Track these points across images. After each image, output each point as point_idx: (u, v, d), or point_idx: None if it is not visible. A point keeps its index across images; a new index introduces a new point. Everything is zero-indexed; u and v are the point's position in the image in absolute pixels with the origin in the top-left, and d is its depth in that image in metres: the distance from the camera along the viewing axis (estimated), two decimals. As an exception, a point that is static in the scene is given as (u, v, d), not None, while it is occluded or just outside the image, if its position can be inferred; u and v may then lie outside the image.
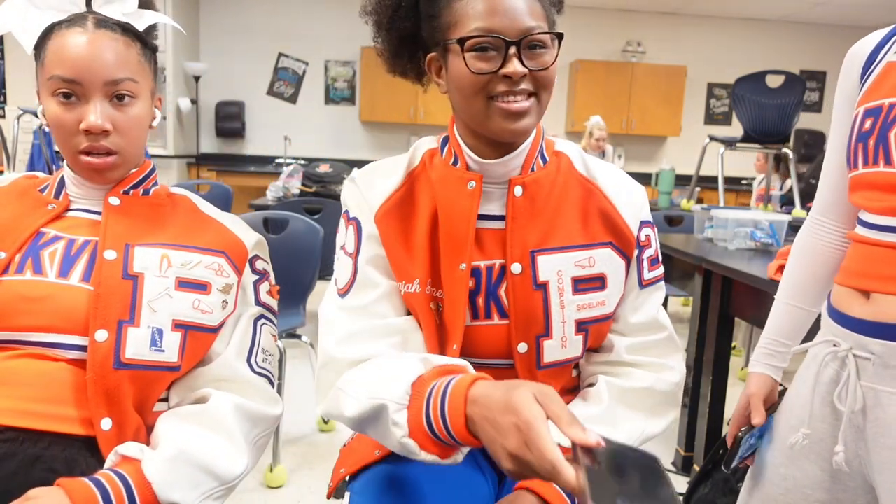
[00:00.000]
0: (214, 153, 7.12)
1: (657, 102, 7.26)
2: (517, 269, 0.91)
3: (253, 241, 1.06)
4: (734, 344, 3.58)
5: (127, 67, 0.93)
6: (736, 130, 3.92)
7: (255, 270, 1.05)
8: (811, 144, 5.50)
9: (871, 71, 0.90)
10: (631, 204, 0.97)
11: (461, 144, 0.94)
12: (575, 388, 1.02)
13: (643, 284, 0.98)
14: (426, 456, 0.74)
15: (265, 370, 1.01)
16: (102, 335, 0.88)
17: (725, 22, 7.49)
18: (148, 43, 0.99)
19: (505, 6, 0.83)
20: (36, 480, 0.82)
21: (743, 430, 1.04)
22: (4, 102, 6.44)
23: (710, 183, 5.64)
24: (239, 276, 1.02)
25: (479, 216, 0.93)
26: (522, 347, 0.92)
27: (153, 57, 1.00)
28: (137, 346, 0.89)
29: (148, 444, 0.91)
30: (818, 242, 1.02)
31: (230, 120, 6.96)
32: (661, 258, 1.01)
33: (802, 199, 3.73)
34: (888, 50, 0.89)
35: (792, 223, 2.32)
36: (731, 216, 2.28)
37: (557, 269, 0.92)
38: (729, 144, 3.86)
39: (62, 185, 1.00)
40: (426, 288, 0.92)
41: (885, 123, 0.84)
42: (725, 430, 2.15)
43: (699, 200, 5.48)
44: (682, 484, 2.21)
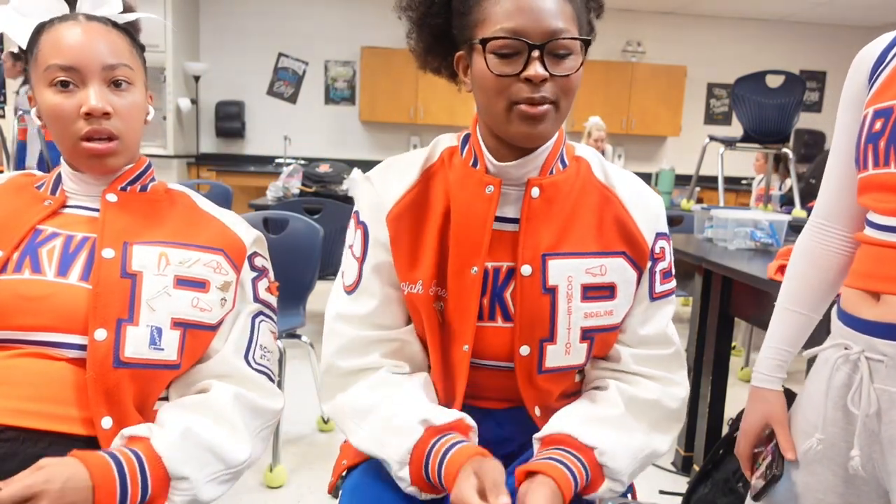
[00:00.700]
0: (214, 153, 7.12)
1: (657, 102, 7.25)
2: (527, 270, 0.90)
3: (251, 238, 1.06)
4: (734, 344, 3.58)
5: (122, 54, 0.95)
6: (736, 130, 3.92)
7: (253, 267, 1.05)
8: (811, 144, 5.48)
9: (880, 72, 0.89)
10: (648, 214, 0.95)
11: (482, 145, 0.93)
12: (576, 392, 1.01)
13: (654, 297, 0.96)
14: (426, 496, 0.86)
15: (264, 367, 1.01)
16: (102, 334, 0.88)
17: (725, 22, 7.48)
18: (136, 38, 1.00)
19: (531, 6, 0.82)
20: (36, 480, 0.82)
21: (758, 449, 1.01)
22: (4, 102, 6.43)
23: (709, 183, 5.63)
24: (237, 273, 1.02)
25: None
26: (525, 350, 0.91)
27: (142, 54, 1.01)
28: (137, 344, 0.89)
29: None
30: (820, 246, 1.00)
31: (230, 120, 6.96)
32: (674, 272, 0.99)
33: (802, 198, 3.73)
34: None
35: (792, 223, 2.31)
36: (730, 216, 2.28)
37: (568, 274, 0.91)
38: (729, 144, 3.85)
39: (59, 181, 1.00)
40: (430, 288, 0.92)
41: None
42: (725, 430, 2.16)
43: (699, 200, 5.48)
44: (682, 484, 2.20)
